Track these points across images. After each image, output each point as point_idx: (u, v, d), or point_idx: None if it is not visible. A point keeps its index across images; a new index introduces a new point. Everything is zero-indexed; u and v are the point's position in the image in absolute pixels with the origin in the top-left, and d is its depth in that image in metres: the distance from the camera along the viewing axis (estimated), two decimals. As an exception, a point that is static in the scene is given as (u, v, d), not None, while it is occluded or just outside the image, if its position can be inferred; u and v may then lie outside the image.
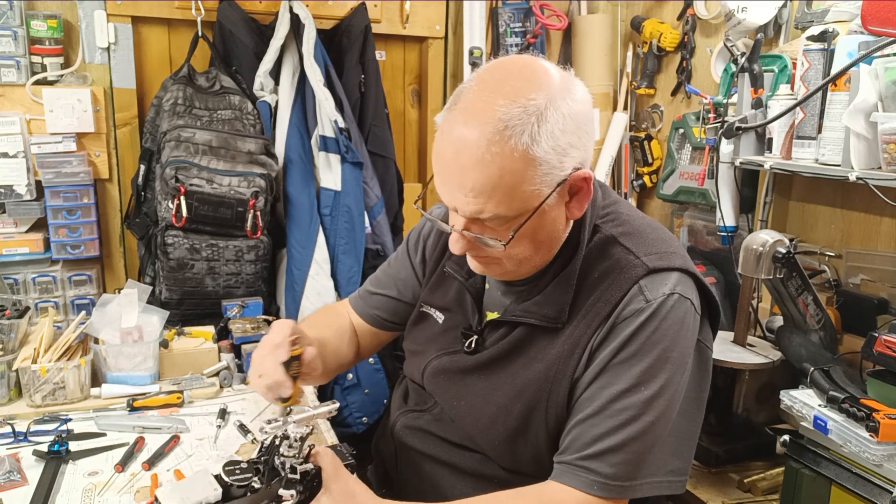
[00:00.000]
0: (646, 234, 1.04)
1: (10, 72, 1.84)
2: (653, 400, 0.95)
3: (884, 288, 1.59)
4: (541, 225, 0.96)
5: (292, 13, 2.02)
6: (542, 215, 0.94)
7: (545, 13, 2.38)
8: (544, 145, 0.88)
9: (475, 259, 1.02)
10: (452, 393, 1.11)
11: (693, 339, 1.01)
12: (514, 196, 0.90)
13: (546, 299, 1.02)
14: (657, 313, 0.96)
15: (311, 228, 2.03)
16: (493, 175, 0.88)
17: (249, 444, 1.35)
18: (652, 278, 0.98)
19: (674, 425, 0.99)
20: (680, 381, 0.98)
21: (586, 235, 1.03)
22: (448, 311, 1.17)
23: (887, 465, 1.14)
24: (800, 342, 1.49)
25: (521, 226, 0.93)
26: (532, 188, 0.90)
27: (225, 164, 1.85)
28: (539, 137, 0.88)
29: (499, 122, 0.87)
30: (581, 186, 0.96)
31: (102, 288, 2.04)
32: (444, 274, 1.19)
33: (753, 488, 1.42)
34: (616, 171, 2.45)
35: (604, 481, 0.94)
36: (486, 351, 1.08)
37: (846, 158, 1.41)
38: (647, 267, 0.98)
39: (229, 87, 1.97)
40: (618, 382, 0.96)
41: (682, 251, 1.05)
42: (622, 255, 1.01)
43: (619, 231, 1.03)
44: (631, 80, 2.41)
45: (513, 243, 0.94)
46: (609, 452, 0.94)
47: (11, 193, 1.86)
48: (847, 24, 1.54)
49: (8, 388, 1.48)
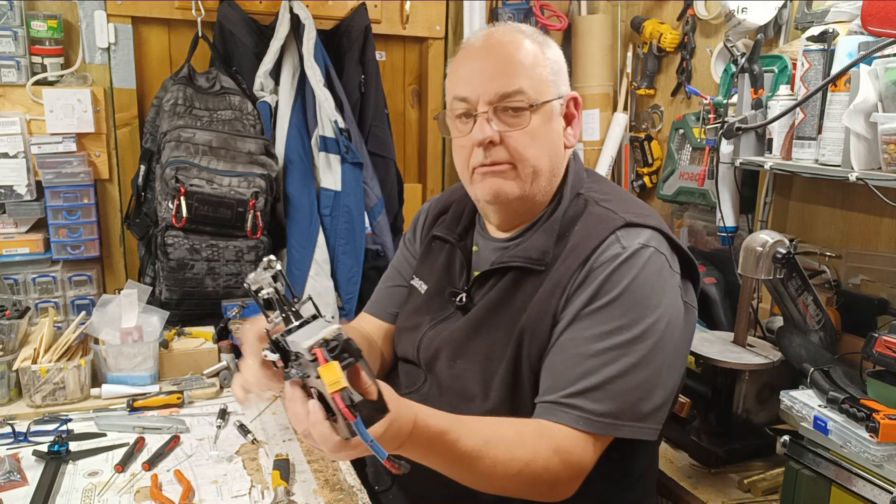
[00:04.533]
0: (625, 199, 1.16)
1: (10, 72, 1.84)
2: (634, 343, 1.00)
3: (884, 288, 1.59)
4: (550, 129, 1.11)
5: (292, 13, 2.02)
6: (550, 117, 1.11)
7: (545, 13, 2.38)
8: (551, 56, 1.12)
9: (492, 168, 1.09)
10: (449, 353, 1.16)
11: (675, 294, 1.07)
12: (535, 77, 1.08)
13: (531, 245, 1.12)
14: (632, 261, 1.03)
15: (310, 229, 2.03)
16: (526, 56, 1.09)
17: (250, 444, 1.35)
18: (628, 230, 1.07)
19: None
20: (664, 331, 1.03)
21: (569, 195, 1.15)
22: (434, 278, 1.25)
23: (887, 465, 1.14)
24: (800, 342, 1.49)
25: (542, 105, 1.08)
26: (548, 78, 1.10)
27: (225, 165, 1.85)
28: (547, 51, 1.12)
29: (521, 32, 1.13)
30: (573, 114, 1.16)
31: (102, 288, 2.04)
32: (432, 244, 1.28)
33: (753, 488, 1.42)
34: (616, 172, 2.45)
35: (588, 416, 0.98)
36: (476, 305, 1.15)
37: (846, 159, 1.41)
38: (624, 220, 1.08)
39: (229, 88, 1.97)
40: (598, 325, 1.02)
41: (660, 220, 1.13)
42: (602, 212, 1.12)
43: (599, 196, 1.15)
44: (631, 81, 2.40)
45: (529, 138, 1.08)
46: (592, 390, 0.99)
47: (11, 194, 1.86)
48: (847, 25, 1.54)
49: (8, 388, 1.48)
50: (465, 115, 1.11)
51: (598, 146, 2.42)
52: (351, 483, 1.21)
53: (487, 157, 1.09)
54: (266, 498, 1.17)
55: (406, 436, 0.82)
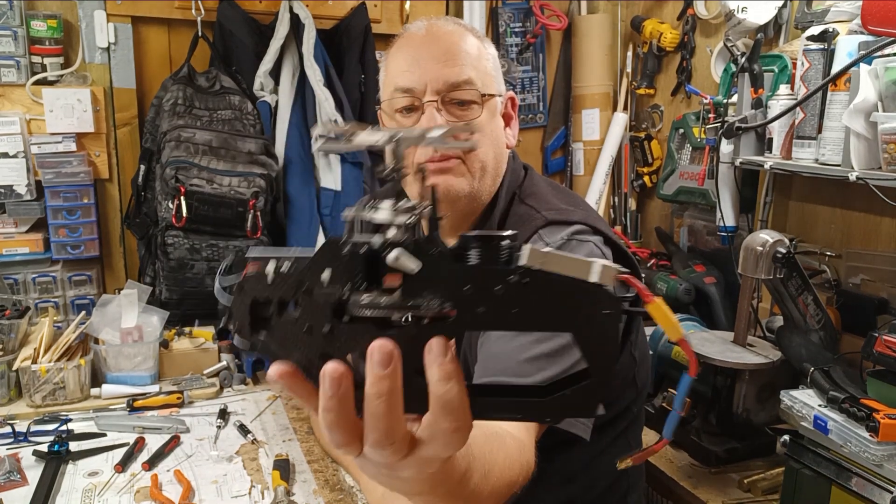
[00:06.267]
0: (549, 197, 1.13)
1: (10, 72, 1.84)
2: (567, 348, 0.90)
3: (884, 288, 1.59)
4: (495, 124, 1.09)
5: (292, 13, 2.02)
6: (494, 113, 1.09)
7: (545, 13, 2.38)
8: (492, 52, 1.12)
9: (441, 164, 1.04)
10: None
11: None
12: (481, 69, 1.07)
13: None
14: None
15: (311, 228, 2.03)
16: (471, 47, 1.07)
17: (250, 444, 1.35)
18: (551, 228, 1.04)
19: None
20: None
21: (505, 196, 1.13)
22: None
23: (887, 465, 1.14)
24: (800, 342, 1.49)
25: (489, 98, 1.06)
26: (492, 73, 1.09)
27: (225, 165, 1.85)
28: (489, 46, 1.12)
29: (462, 25, 1.11)
30: (511, 114, 1.15)
31: (102, 288, 2.04)
32: None
33: (753, 488, 1.42)
34: (616, 171, 2.45)
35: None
36: None
37: (846, 158, 1.41)
38: (546, 219, 1.05)
39: (229, 87, 1.97)
40: (525, 335, 0.91)
41: (591, 213, 1.11)
42: (524, 210, 1.10)
43: (527, 194, 1.14)
44: (631, 80, 2.40)
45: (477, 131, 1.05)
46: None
47: (11, 193, 1.86)
48: (847, 24, 1.54)
49: (8, 388, 1.48)
50: (406, 108, 1.05)
51: (598, 146, 2.42)
52: (351, 483, 1.21)
53: (437, 150, 1.03)
54: (266, 498, 1.17)
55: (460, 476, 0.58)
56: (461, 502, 0.64)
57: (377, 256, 0.43)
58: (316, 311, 0.44)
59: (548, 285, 0.43)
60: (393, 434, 0.44)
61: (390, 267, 0.43)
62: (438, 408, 0.44)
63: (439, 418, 0.44)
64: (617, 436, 1.17)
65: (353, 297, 0.44)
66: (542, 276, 0.44)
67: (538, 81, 2.50)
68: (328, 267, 0.44)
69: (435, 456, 0.47)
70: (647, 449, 0.51)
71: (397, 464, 0.47)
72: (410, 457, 0.46)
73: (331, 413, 0.44)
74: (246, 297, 0.45)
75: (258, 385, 1.65)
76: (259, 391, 1.62)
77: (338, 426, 0.44)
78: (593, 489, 1.16)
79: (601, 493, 1.17)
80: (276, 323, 0.45)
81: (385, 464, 0.47)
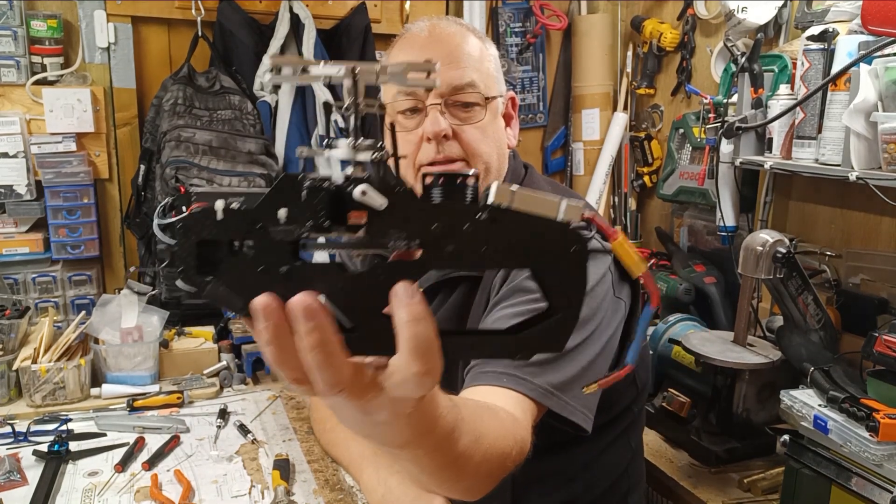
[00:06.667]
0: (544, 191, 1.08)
1: (10, 72, 1.84)
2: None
3: (884, 288, 1.59)
4: (497, 125, 1.09)
5: (292, 13, 2.02)
6: (496, 114, 1.09)
7: (545, 13, 2.38)
8: (493, 53, 1.11)
9: (445, 165, 1.03)
10: None
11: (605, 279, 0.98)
12: (483, 71, 1.06)
13: None
14: None
15: (311, 228, 2.03)
16: (474, 48, 1.06)
17: (250, 444, 1.35)
18: None
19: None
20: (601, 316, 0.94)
21: None
22: None
23: (887, 465, 1.14)
24: (800, 342, 1.49)
25: (491, 99, 1.06)
26: (493, 74, 1.09)
27: (225, 165, 1.85)
28: (490, 47, 1.11)
29: (464, 26, 1.10)
30: (511, 114, 1.15)
31: (102, 288, 2.04)
32: None
33: (753, 488, 1.42)
34: (616, 171, 2.45)
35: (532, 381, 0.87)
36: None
37: (846, 158, 1.41)
38: None
39: (229, 87, 1.97)
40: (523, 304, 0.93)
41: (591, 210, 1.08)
42: None
43: None
44: (631, 80, 2.40)
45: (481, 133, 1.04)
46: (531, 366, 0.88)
47: (11, 193, 1.86)
48: (847, 24, 1.54)
49: (8, 388, 1.48)
50: (409, 110, 1.05)
51: (598, 146, 2.42)
52: (351, 483, 1.21)
53: (440, 151, 1.02)
54: (266, 498, 1.17)
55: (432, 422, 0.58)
56: (452, 464, 0.67)
57: (340, 193, 0.42)
58: (273, 250, 0.41)
59: (516, 223, 0.44)
60: (339, 381, 0.44)
61: (354, 204, 0.41)
62: (408, 350, 0.43)
63: (409, 360, 0.44)
64: (617, 435, 1.17)
65: (316, 236, 0.42)
66: (511, 214, 0.44)
67: (538, 81, 2.50)
68: (286, 205, 0.41)
69: (406, 396, 0.47)
70: (613, 374, 0.54)
71: (366, 406, 0.47)
72: (379, 398, 0.47)
73: (271, 347, 0.43)
74: (192, 236, 0.41)
75: (258, 385, 1.65)
76: (259, 391, 1.62)
77: (282, 363, 0.44)
78: (594, 489, 1.16)
79: (602, 493, 1.17)
80: (226, 264, 0.42)
81: (353, 406, 0.47)
